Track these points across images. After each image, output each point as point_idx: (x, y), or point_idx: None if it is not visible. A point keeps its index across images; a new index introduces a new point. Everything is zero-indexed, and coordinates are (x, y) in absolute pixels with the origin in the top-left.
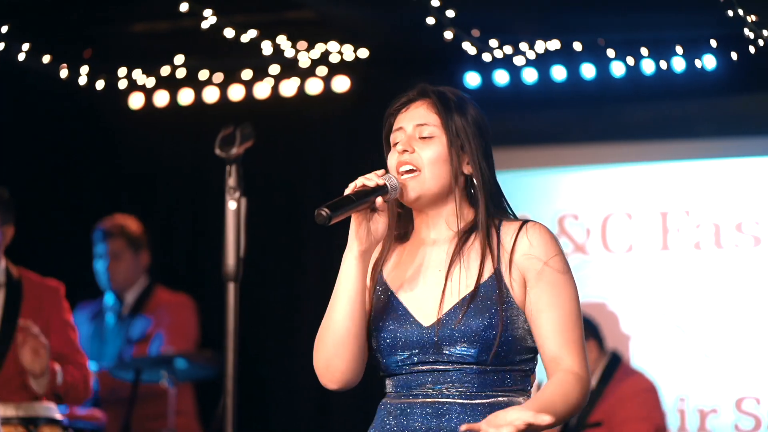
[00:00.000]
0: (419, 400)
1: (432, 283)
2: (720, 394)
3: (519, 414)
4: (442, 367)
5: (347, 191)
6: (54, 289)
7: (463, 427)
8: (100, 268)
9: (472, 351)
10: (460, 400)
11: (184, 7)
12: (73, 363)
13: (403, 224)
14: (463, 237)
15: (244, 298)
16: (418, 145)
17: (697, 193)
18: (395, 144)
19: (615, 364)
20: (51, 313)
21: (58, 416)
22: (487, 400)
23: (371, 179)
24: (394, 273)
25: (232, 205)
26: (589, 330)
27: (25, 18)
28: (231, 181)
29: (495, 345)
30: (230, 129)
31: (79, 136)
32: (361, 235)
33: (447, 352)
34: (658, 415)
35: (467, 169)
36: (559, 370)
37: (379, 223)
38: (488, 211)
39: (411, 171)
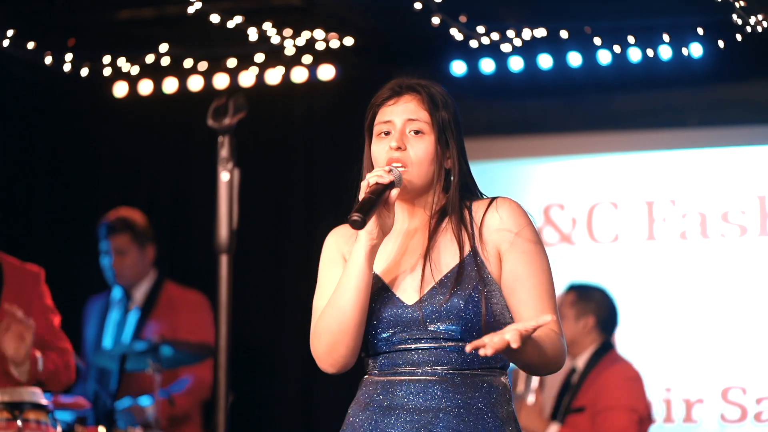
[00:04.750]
0: (403, 378)
1: (412, 265)
2: (706, 384)
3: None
4: (425, 345)
5: (365, 191)
6: (34, 273)
7: (469, 347)
8: (105, 264)
9: (456, 328)
10: (443, 377)
11: None
12: (55, 349)
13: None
14: (438, 220)
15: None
16: (409, 142)
17: (683, 182)
18: (382, 134)
19: (604, 351)
20: (32, 297)
21: (44, 401)
22: (471, 378)
23: (383, 177)
24: (377, 259)
25: (224, 176)
26: (595, 307)
27: (8, 4)
28: (224, 152)
29: (478, 322)
30: (223, 99)
31: (63, 125)
32: (374, 231)
33: (432, 329)
34: (641, 405)
35: (448, 164)
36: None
37: (388, 217)
38: (460, 195)
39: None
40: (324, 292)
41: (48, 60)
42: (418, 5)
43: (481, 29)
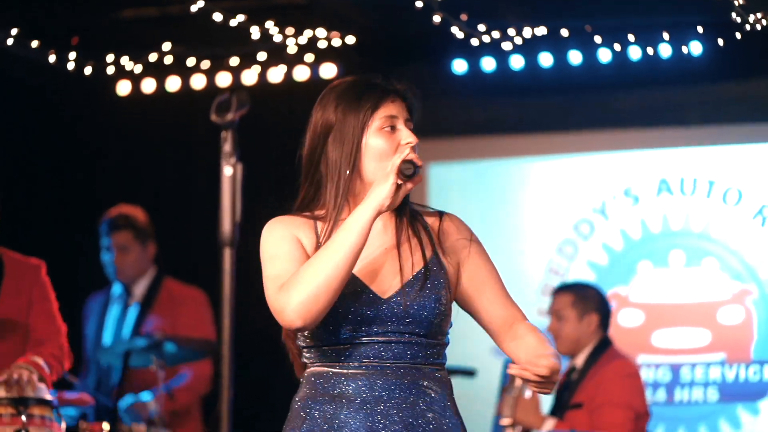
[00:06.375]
0: (363, 371)
1: (382, 259)
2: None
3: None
4: (389, 338)
5: (405, 157)
6: (35, 266)
7: (514, 371)
8: (107, 260)
9: (424, 324)
10: (403, 370)
11: None
12: (53, 345)
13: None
14: (398, 220)
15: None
16: None
17: (683, 179)
18: (388, 128)
19: (603, 347)
20: (32, 290)
21: (48, 397)
22: (428, 372)
23: (419, 160)
24: None
25: (227, 170)
26: (596, 304)
27: (12, 4)
28: (227, 147)
29: (441, 319)
30: (226, 95)
31: (66, 123)
32: (389, 199)
33: (400, 324)
34: (638, 401)
35: None
36: (520, 323)
37: (399, 196)
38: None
39: None
40: (283, 262)
41: (52, 59)
42: (419, 3)
43: (482, 27)
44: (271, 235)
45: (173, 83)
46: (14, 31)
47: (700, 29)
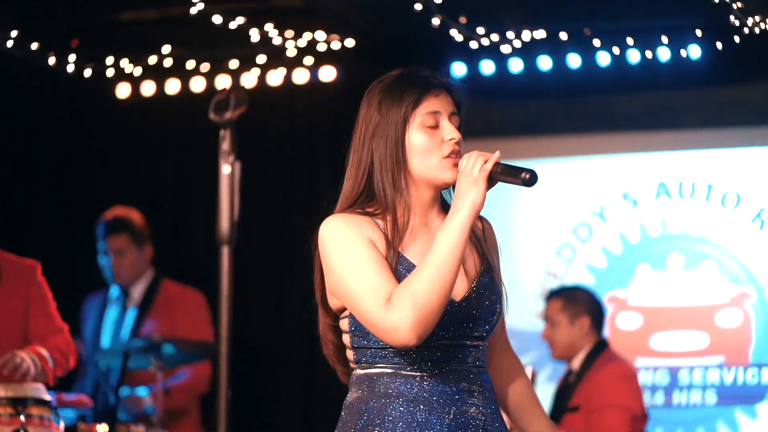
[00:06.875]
0: (432, 374)
1: None
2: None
3: None
4: (457, 342)
5: (497, 160)
6: (31, 267)
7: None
8: (104, 263)
9: (488, 327)
10: (468, 373)
11: None
12: (58, 339)
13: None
14: None
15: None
16: None
17: (681, 183)
18: (430, 123)
19: (600, 350)
20: (29, 291)
21: (47, 397)
22: (485, 374)
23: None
24: (413, 252)
25: (226, 169)
26: (586, 307)
27: (12, 5)
28: (225, 145)
29: (498, 320)
30: (224, 93)
31: (66, 125)
32: (483, 204)
33: (473, 326)
34: (634, 403)
35: None
36: (515, 361)
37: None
38: None
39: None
40: (374, 272)
41: (51, 61)
42: (418, 6)
43: (481, 30)
44: (341, 237)
45: (173, 86)
46: (14, 33)
47: (698, 33)
